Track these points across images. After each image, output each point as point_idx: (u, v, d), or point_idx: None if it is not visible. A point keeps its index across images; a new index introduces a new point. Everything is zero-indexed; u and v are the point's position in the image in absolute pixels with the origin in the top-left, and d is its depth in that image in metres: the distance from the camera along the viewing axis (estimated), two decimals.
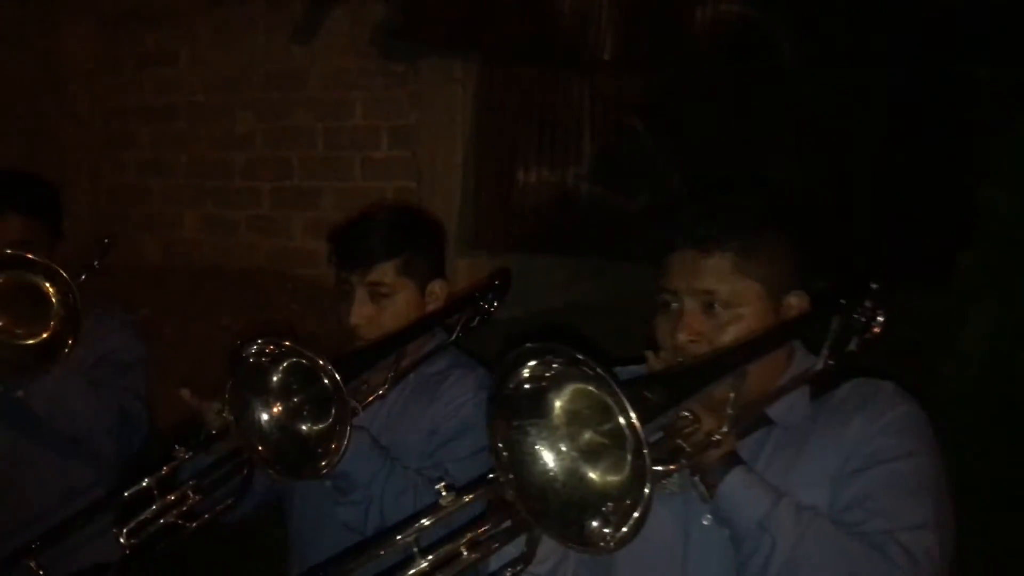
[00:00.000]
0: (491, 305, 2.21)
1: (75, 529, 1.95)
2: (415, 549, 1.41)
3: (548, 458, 1.36)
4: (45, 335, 2.16)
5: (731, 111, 3.46)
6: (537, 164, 3.77)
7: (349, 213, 3.91)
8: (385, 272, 2.08)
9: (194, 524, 1.86)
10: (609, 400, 1.24)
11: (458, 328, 2.15)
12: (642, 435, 1.20)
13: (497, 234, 3.85)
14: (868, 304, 1.74)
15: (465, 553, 1.43)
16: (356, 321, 2.05)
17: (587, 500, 1.34)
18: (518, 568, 1.49)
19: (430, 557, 1.42)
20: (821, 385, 1.71)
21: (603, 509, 1.32)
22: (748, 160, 3.36)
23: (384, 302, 2.07)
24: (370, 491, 1.89)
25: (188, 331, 4.28)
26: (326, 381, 1.60)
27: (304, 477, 1.79)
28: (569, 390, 1.33)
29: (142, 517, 1.82)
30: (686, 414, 1.51)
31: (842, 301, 1.73)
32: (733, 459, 1.57)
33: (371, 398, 1.91)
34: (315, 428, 1.69)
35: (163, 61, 4.54)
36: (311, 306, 4.07)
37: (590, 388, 1.28)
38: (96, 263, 2.52)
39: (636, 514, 1.28)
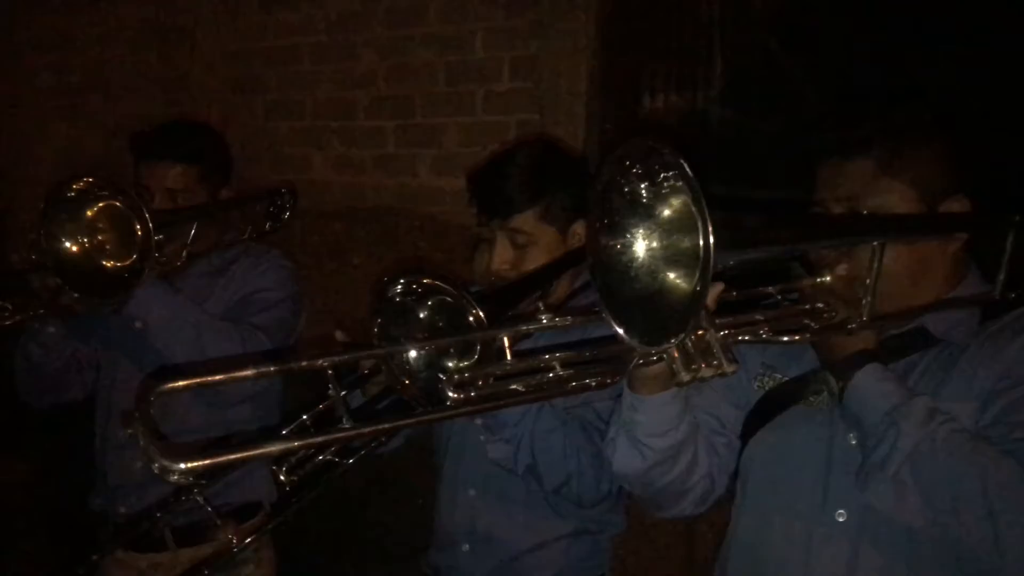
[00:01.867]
0: None
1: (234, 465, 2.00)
2: (506, 347, 1.38)
3: (640, 246, 1.32)
4: (125, 263, 2.23)
5: (874, 25, 3.22)
6: (664, 89, 3.63)
7: (472, 149, 3.93)
8: (525, 220, 2.05)
9: (350, 460, 1.88)
10: (696, 216, 1.18)
11: None
12: (712, 257, 1.15)
13: None
14: None
15: (558, 369, 1.39)
16: (498, 267, 2.04)
17: (654, 296, 1.31)
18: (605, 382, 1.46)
19: (516, 359, 1.41)
20: (994, 312, 1.60)
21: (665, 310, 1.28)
22: (893, 77, 3.13)
23: (526, 248, 2.04)
24: (519, 429, 1.89)
25: (321, 271, 4.37)
26: (471, 318, 1.57)
27: None
28: (679, 200, 1.29)
29: (300, 455, 1.84)
30: (820, 305, 1.46)
31: (1017, 217, 1.61)
32: (870, 355, 1.50)
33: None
34: (462, 364, 1.67)
35: (285, 3, 4.55)
36: (438, 243, 4.08)
37: (691, 202, 1.23)
38: (285, 216, 2.63)
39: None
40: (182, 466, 1.10)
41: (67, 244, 2.21)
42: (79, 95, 5.41)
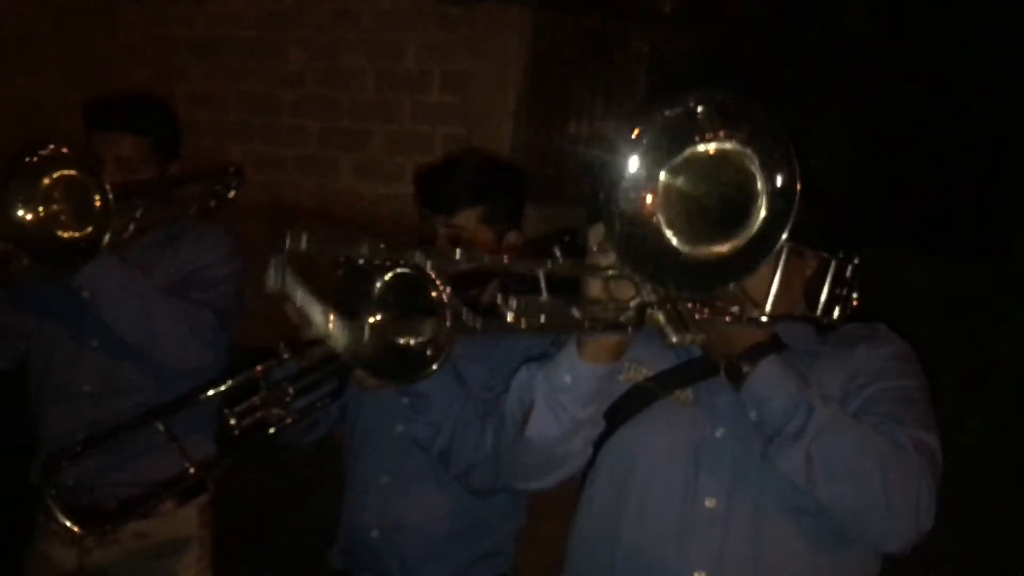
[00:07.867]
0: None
1: (188, 405, 2.06)
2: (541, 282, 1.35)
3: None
4: (82, 233, 2.20)
5: (793, 73, 3.40)
6: (591, 115, 3.73)
7: (396, 158, 3.96)
8: (468, 218, 2.10)
9: (290, 420, 1.90)
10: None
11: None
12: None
13: (545, 186, 3.82)
14: (849, 275, 1.76)
15: (576, 313, 1.38)
16: None
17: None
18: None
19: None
20: (824, 326, 1.76)
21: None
22: (809, 124, 3.31)
23: (463, 247, 2.09)
24: (445, 416, 1.95)
25: None
26: (434, 294, 1.57)
27: (396, 383, 1.82)
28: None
29: (251, 402, 1.86)
30: (719, 302, 1.48)
31: (840, 255, 1.75)
32: (774, 345, 1.62)
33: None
34: (413, 342, 1.66)
35: None
36: None
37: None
38: (231, 194, 2.62)
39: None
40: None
41: (23, 212, 2.16)
42: None
